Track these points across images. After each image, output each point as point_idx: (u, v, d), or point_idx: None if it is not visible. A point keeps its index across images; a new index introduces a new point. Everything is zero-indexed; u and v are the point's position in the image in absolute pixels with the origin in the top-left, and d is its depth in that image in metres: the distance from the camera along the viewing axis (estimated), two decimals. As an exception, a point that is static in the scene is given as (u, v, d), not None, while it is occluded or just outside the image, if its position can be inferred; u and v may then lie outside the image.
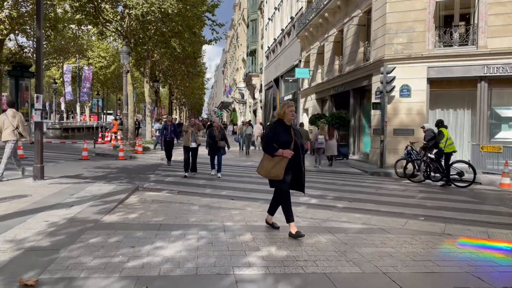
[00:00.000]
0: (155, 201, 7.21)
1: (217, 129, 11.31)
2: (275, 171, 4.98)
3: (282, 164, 4.98)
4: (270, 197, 8.56)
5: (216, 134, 11.22)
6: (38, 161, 8.85)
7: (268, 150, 5.06)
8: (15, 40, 27.88)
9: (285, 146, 4.99)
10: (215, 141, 11.15)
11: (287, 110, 5.12)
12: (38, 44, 8.77)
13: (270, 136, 5.09)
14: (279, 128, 5.10)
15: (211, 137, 11.24)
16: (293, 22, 30.54)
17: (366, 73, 17.12)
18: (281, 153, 4.97)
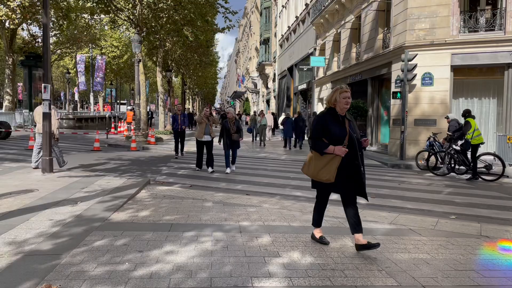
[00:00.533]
0: (166, 197, 6.84)
1: (231, 121, 10.36)
2: (326, 173, 4.05)
3: (333, 164, 4.04)
4: (286, 192, 8.28)
5: (230, 126, 10.29)
6: (47, 153, 8.56)
7: (315, 147, 4.13)
8: (28, 29, 27.74)
9: (337, 142, 4.04)
10: (230, 135, 10.22)
11: (339, 96, 4.10)
12: (45, 32, 8.40)
13: (317, 129, 4.13)
14: (329, 119, 4.10)
15: (225, 130, 10.29)
16: (307, 9, 29.74)
17: (385, 61, 16.42)
18: (333, 150, 4.01)
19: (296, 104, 35.34)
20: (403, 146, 14.35)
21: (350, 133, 4.09)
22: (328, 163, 4.06)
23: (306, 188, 8.45)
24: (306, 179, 9.62)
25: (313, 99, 28.02)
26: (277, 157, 15.21)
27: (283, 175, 10.35)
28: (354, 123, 4.30)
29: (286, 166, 12.34)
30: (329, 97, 4.20)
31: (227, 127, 10.25)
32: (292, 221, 5.48)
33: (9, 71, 24.73)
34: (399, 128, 15.04)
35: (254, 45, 63.12)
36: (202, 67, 43.72)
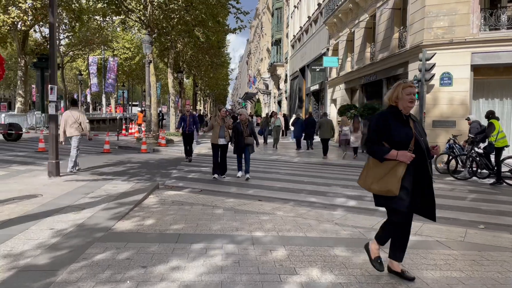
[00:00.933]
0: (175, 203, 6.51)
1: (244, 123, 9.58)
2: (387, 184, 3.32)
3: (397, 172, 3.30)
4: (301, 198, 7.84)
5: (243, 129, 9.51)
6: (53, 156, 8.32)
7: (374, 152, 3.43)
8: (40, 31, 27.85)
9: (401, 146, 3.35)
10: (243, 138, 9.43)
11: (402, 92, 3.43)
12: (52, 31, 8.17)
13: (376, 130, 3.43)
14: (391, 118, 3.42)
15: (237, 133, 9.48)
16: (320, 8, 29.30)
17: (402, 61, 15.91)
18: (395, 156, 3.32)
19: (308, 105, 34.87)
20: (421, 149, 13.81)
21: (417, 136, 3.41)
22: (389, 172, 3.33)
23: (321, 194, 8.06)
24: (321, 184, 9.24)
25: (325, 100, 27.55)
26: (289, 159, 14.81)
27: (297, 179, 9.96)
28: (420, 124, 3.61)
29: (299, 170, 11.95)
30: (390, 93, 3.54)
31: (240, 130, 9.46)
32: (308, 231, 5.09)
33: (22, 73, 24.81)
34: (416, 130, 14.49)
35: (265, 46, 62.80)
36: (213, 68, 43.54)
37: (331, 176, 10.67)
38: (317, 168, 12.52)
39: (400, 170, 3.31)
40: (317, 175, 10.69)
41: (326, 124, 15.91)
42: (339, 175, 10.98)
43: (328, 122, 16.09)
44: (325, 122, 16.09)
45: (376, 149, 3.41)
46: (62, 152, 13.62)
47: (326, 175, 10.87)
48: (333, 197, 7.76)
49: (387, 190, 3.32)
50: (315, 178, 10.18)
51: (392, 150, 3.34)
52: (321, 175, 10.73)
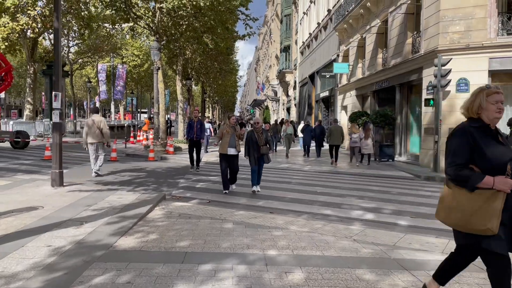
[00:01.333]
0: (182, 216, 6.15)
1: (258, 131, 8.71)
2: (483, 219, 2.62)
3: (494, 205, 2.62)
4: (314, 210, 7.35)
5: (258, 137, 8.63)
6: (57, 166, 8.02)
7: (463, 179, 2.71)
8: (49, 38, 27.90)
9: (496, 170, 2.66)
10: (258, 148, 8.60)
11: (485, 100, 2.78)
12: (56, 37, 7.92)
13: (462, 151, 2.75)
14: (479, 135, 2.74)
15: (252, 143, 8.63)
16: (330, 15, 29.01)
17: (416, 66, 15.48)
18: (492, 184, 2.63)
19: (317, 112, 34.47)
20: (437, 157, 13.34)
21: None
22: (484, 205, 2.63)
23: (336, 205, 7.64)
24: (335, 195, 8.81)
25: (335, 106, 27.14)
26: (300, 168, 14.40)
27: (309, 189, 9.55)
28: (506, 139, 2.87)
29: (310, 179, 11.53)
30: (469, 103, 2.86)
31: (255, 139, 8.61)
32: (325, 249, 4.69)
33: (31, 80, 24.82)
34: (431, 137, 14.05)
35: (274, 53, 62.67)
36: (222, 75, 43.41)
37: (344, 186, 10.24)
38: (329, 177, 12.10)
39: (499, 202, 2.62)
40: (330, 185, 10.28)
41: (336, 130, 15.77)
42: (353, 185, 10.54)
43: (338, 129, 15.91)
44: (335, 128, 15.96)
45: (466, 176, 2.69)
46: (67, 160, 13.43)
47: (339, 184, 10.45)
48: (349, 210, 7.34)
49: (484, 229, 2.61)
50: (328, 188, 9.77)
51: (487, 177, 2.64)
52: (334, 185, 10.31)
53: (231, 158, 8.62)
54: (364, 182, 11.10)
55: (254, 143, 8.60)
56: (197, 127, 12.15)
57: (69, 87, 39.06)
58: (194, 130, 12.14)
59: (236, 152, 8.66)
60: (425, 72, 14.76)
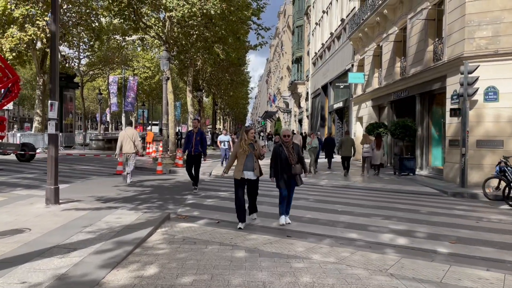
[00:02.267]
0: (186, 240, 5.36)
1: (289, 145, 6.81)
2: None
3: None
4: (338, 233, 6.21)
5: (289, 154, 6.72)
6: (52, 181, 7.32)
7: None
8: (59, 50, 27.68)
9: None
10: (289, 167, 6.68)
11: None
12: (53, 40, 7.30)
13: None
14: None
15: (280, 161, 6.73)
16: (343, 24, 28.32)
17: (438, 75, 14.58)
18: None
19: (331, 124, 33.58)
20: (464, 172, 12.35)
21: None
22: None
23: (361, 227, 6.77)
24: (358, 214, 7.89)
25: (350, 118, 26.23)
26: (316, 182, 13.53)
27: (328, 207, 8.68)
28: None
29: (328, 194, 10.64)
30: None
31: (284, 156, 6.72)
32: (359, 288, 3.83)
33: (40, 92, 24.50)
34: (457, 150, 13.09)
35: (285, 65, 62.19)
36: (233, 87, 42.95)
37: (367, 203, 9.34)
38: (348, 193, 11.20)
39: None
40: (351, 202, 9.38)
41: (347, 142, 16.07)
42: (376, 202, 9.63)
43: (349, 140, 16.31)
44: (346, 140, 16.30)
45: None
46: (72, 174, 12.78)
47: (361, 202, 9.55)
48: (377, 233, 6.45)
49: None
50: (349, 206, 8.88)
51: None
52: (356, 202, 9.41)
53: (249, 183, 6.69)
54: (387, 199, 10.17)
55: (284, 161, 6.69)
56: (196, 139, 10.27)
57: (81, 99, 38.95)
58: (193, 143, 10.21)
59: (255, 176, 6.67)
60: (449, 80, 13.86)
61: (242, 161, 6.62)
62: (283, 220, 6.76)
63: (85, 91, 65.09)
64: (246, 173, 6.57)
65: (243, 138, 6.66)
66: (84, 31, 26.50)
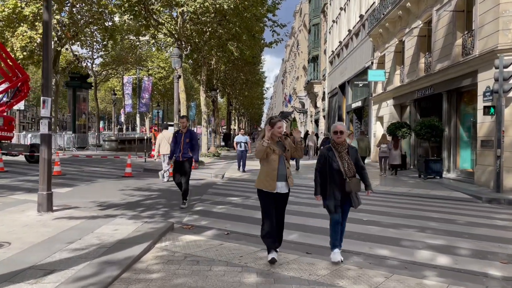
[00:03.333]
0: (188, 259, 4.56)
1: (342, 149, 4.77)
2: None
3: None
4: (365, 250, 5.33)
5: (342, 161, 4.72)
6: (44, 187, 6.61)
7: None
8: (70, 49, 27.36)
9: None
10: (342, 180, 4.69)
11: None
12: (46, 30, 6.60)
13: None
14: None
15: (330, 171, 4.74)
16: (362, 20, 27.26)
17: (468, 70, 13.49)
18: None
19: (349, 124, 32.50)
20: (500, 175, 11.26)
21: None
22: None
23: (392, 242, 5.85)
24: (386, 224, 6.88)
25: (370, 117, 25.13)
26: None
27: (352, 215, 7.64)
28: None
29: (350, 201, 9.68)
30: None
31: (336, 165, 4.70)
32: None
33: (52, 92, 24.13)
34: (490, 151, 12.01)
35: (301, 64, 61.14)
36: (248, 86, 42.19)
37: (395, 211, 8.38)
38: (372, 199, 10.20)
39: None
40: (377, 210, 8.43)
41: (363, 142, 16.00)
42: (405, 209, 8.66)
43: (364, 141, 16.24)
44: (362, 140, 16.23)
45: None
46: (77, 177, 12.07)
47: (388, 209, 8.59)
48: (412, 249, 5.53)
49: None
50: (375, 214, 7.94)
51: None
52: (382, 210, 8.46)
53: (279, 199, 4.69)
54: (416, 206, 9.19)
55: (335, 172, 4.70)
56: (184, 141, 8.05)
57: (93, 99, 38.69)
58: (181, 146, 8.04)
59: (287, 188, 4.71)
60: (480, 76, 12.76)
61: (274, 166, 4.60)
62: (337, 256, 4.70)
63: (102, 92, 65.40)
64: (278, 185, 4.62)
65: (267, 134, 4.60)
66: (97, 31, 26.11)
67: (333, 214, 4.82)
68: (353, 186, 4.66)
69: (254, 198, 9.45)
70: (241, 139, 15.84)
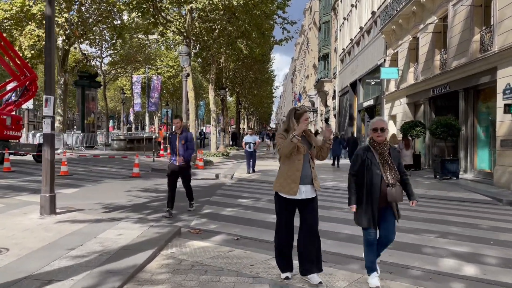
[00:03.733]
0: (195, 267, 4.24)
1: (384, 151, 3.91)
2: None
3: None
4: (386, 257, 4.73)
5: (385, 165, 3.90)
6: (47, 188, 6.37)
7: None
8: (79, 48, 27.29)
9: None
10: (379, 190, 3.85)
11: None
12: (48, 25, 6.35)
13: None
14: None
15: (369, 176, 3.89)
16: (374, 17, 26.73)
17: (487, 67, 13.00)
18: None
19: (360, 123, 31.99)
20: (521, 176, 10.78)
21: None
22: None
23: (413, 249, 5.47)
24: (405, 229, 6.33)
25: (382, 116, 24.64)
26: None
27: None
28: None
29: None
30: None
31: (376, 170, 3.88)
32: None
33: (61, 91, 24.09)
34: (510, 151, 11.53)
35: (311, 63, 60.61)
36: (257, 85, 41.87)
37: (413, 215, 7.95)
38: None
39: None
40: (393, 213, 8.03)
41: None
42: (423, 212, 8.25)
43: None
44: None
45: None
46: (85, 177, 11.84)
47: (405, 212, 8.07)
48: (435, 257, 5.15)
49: None
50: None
51: None
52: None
53: (303, 205, 3.93)
54: (435, 209, 8.77)
55: (374, 178, 3.84)
56: (180, 143, 7.30)
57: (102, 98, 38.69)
58: (176, 149, 7.35)
59: (315, 192, 3.94)
60: (500, 73, 12.26)
61: (297, 166, 3.85)
62: (374, 280, 3.91)
63: (111, 91, 65.55)
64: (302, 189, 3.85)
65: (293, 128, 3.84)
66: (106, 29, 25.99)
67: (368, 230, 3.93)
68: (397, 195, 3.83)
69: (264, 200, 9.14)
70: (250, 140, 15.11)
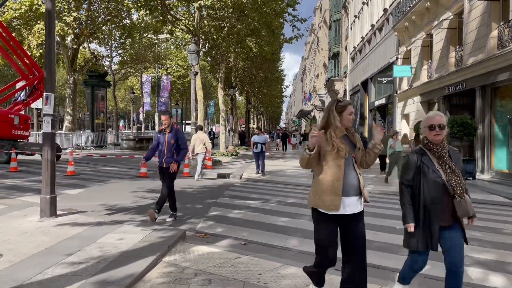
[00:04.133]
0: (198, 277, 3.94)
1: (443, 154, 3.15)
2: None
3: None
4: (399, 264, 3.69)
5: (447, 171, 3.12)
6: (47, 190, 6.12)
7: None
8: (88, 47, 27.25)
9: None
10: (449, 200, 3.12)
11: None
12: (49, 20, 6.10)
13: None
14: None
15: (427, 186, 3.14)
16: (386, 14, 26.20)
17: (505, 63, 12.48)
18: None
19: (371, 122, 31.44)
20: (543, 178, 10.29)
21: None
22: None
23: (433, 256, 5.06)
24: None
25: (394, 115, 24.13)
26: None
27: (384, 223, 6.99)
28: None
29: (380, 205, 8.86)
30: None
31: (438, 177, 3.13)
32: None
33: (70, 90, 24.06)
34: (531, 151, 11.02)
35: (321, 62, 60.07)
36: (267, 84, 41.55)
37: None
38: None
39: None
40: (409, 216, 7.63)
41: (383, 141, 14.81)
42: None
43: (384, 139, 15.18)
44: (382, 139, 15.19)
45: None
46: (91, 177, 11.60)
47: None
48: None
49: None
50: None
51: None
52: (414, 216, 7.66)
53: (347, 221, 3.14)
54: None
55: (434, 188, 3.13)
56: (169, 142, 6.56)
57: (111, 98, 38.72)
58: (164, 150, 6.57)
59: (361, 206, 3.18)
60: (520, 69, 11.77)
61: (338, 174, 3.06)
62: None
63: (122, 91, 65.81)
64: (344, 202, 3.05)
65: (334, 124, 3.16)
66: (115, 28, 25.91)
67: (419, 256, 3.20)
68: (469, 208, 3.08)
69: (274, 201, 8.83)
70: (258, 140, 14.21)
